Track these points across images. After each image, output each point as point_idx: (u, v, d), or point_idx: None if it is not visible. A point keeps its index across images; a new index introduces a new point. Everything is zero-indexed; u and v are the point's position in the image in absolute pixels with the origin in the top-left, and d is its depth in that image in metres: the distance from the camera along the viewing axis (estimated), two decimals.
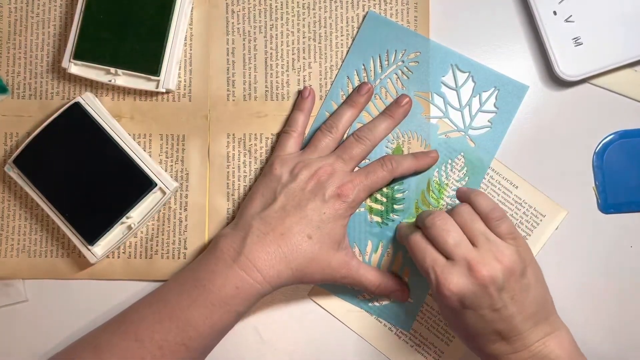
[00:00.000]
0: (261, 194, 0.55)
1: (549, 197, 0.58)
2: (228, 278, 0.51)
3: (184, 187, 0.59)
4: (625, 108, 0.58)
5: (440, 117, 0.58)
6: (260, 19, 0.59)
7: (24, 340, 0.59)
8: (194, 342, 0.51)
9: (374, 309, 0.58)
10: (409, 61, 0.58)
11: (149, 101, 0.59)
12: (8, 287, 0.59)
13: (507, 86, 0.58)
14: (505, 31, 0.59)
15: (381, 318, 0.58)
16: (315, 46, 0.59)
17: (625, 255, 0.58)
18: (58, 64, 0.59)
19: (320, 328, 0.59)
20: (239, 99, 0.59)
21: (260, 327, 0.59)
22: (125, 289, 0.59)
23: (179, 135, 0.59)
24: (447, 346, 0.58)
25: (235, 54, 0.59)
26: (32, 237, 0.59)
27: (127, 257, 0.59)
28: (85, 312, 0.59)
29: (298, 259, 0.52)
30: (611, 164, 0.58)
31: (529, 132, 0.58)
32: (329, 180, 0.54)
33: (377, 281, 0.56)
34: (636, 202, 0.58)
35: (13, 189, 0.60)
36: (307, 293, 0.59)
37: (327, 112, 0.59)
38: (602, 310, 0.58)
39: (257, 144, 0.59)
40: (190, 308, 0.51)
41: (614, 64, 0.57)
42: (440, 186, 0.58)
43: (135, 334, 0.51)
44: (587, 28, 0.57)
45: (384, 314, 0.58)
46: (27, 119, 0.60)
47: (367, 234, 0.58)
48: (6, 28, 0.60)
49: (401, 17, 0.59)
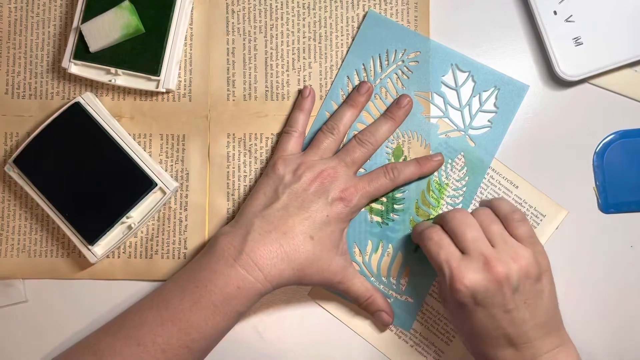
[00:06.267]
0: (263, 193, 0.55)
1: (549, 197, 0.58)
2: (229, 278, 0.51)
3: (184, 187, 0.59)
4: (625, 108, 0.58)
5: (440, 116, 0.58)
6: (260, 19, 0.59)
7: (24, 340, 0.59)
8: (196, 343, 0.51)
9: None
10: (409, 61, 0.58)
11: (149, 101, 0.59)
12: (8, 287, 0.59)
13: (507, 86, 0.58)
14: (505, 31, 0.59)
15: None
16: (315, 46, 0.59)
17: (625, 255, 0.58)
18: (58, 64, 0.59)
19: (321, 328, 0.59)
20: (239, 99, 0.59)
21: (260, 327, 0.59)
22: (125, 289, 0.59)
23: (179, 135, 0.59)
24: (447, 346, 0.58)
25: (235, 54, 0.59)
26: (32, 237, 0.59)
27: (127, 257, 0.59)
28: (85, 312, 0.59)
29: (300, 258, 0.52)
30: (611, 164, 0.58)
31: (529, 132, 0.58)
32: (333, 184, 0.54)
33: (368, 294, 0.55)
34: (636, 202, 0.58)
35: (13, 189, 0.60)
36: (307, 293, 0.59)
37: (327, 112, 0.59)
38: (603, 310, 0.58)
39: (257, 144, 0.59)
40: (192, 310, 0.51)
41: (614, 64, 0.57)
42: (440, 186, 0.58)
43: (137, 338, 0.50)
44: (587, 28, 0.57)
45: None
46: (27, 119, 0.60)
47: (367, 233, 0.58)
48: (6, 28, 0.60)
49: (401, 17, 0.59)
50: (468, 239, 0.49)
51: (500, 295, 0.48)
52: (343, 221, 0.54)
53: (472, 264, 0.48)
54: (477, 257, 0.49)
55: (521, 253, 0.49)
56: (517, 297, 0.48)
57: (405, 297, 0.58)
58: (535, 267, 0.49)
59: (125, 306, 0.54)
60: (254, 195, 0.55)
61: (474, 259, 0.49)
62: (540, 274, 0.49)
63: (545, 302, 0.49)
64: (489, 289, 0.48)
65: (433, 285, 0.58)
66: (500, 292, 0.48)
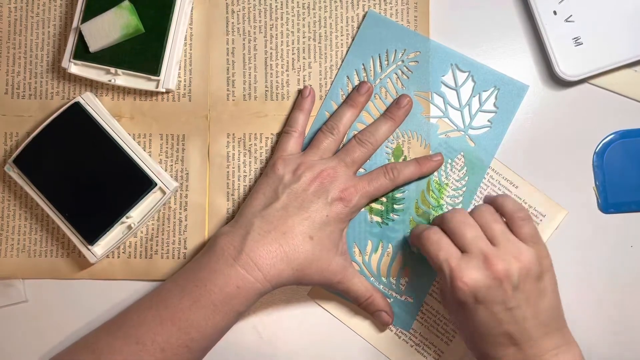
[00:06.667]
0: (262, 193, 0.55)
1: (549, 197, 0.58)
2: (229, 277, 0.51)
3: (184, 187, 0.59)
4: (625, 108, 0.58)
5: (440, 116, 0.58)
6: (260, 18, 0.59)
7: (24, 340, 0.59)
8: (196, 343, 0.51)
9: None
10: (408, 61, 0.58)
11: (149, 101, 0.59)
12: (8, 287, 0.59)
13: (507, 86, 0.58)
14: (505, 31, 0.59)
15: None
16: (315, 46, 0.59)
17: (625, 255, 0.58)
18: (58, 64, 0.59)
19: (320, 328, 0.59)
20: (239, 99, 0.59)
21: (260, 326, 0.59)
22: (125, 289, 0.59)
23: (179, 135, 0.59)
24: (447, 346, 0.58)
25: (235, 54, 0.59)
26: (32, 237, 0.59)
27: (127, 257, 0.59)
28: (85, 312, 0.59)
29: (299, 258, 0.52)
30: (611, 164, 0.58)
31: (529, 132, 0.58)
32: (332, 184, 0.54)
33: (368, 294, 0.55)
34: (636, 202, 0.58)
35: (13, 189, 0.60)
36: (307, 293, 0.59)
37: (327, 112, 0.59)
38: (602, 310, 0.58)
39: (257, 144, 0.59)
40: (192, 309, 0.51)
41: (614, 64, 0.57)
42: (440, 186, 0.58)
43: (137, 337, 0.50)
44: (587, 28, 0.57)
45: None
46: (27, 119, 0.60)
47: (367, 233, 0.58)
48: (6, 28, 0.60)
49: (401, 16, 0.59)
50: (468, 238, 0.49)
51: (501, 292, 0.48)
52: (343, 221, 0.54)
53: (472, 262, 0.48)
54: (477, 255, 0.49)
55: (523, 252, 0.49)
56: (518, 294, 0.48)
57: (405, 297, 0.58)
58: (537, 266, 0.49)
59: (124, 306, 0.54)
60: (253, 195, 0.55)
61: (473, 257, 0.49)
62: (542, 273, 0.49)
63: (547, 301, 0.49)
64: (489, 286, 0.48)
65: (433, 285, 0.58)
66: (500, 289, 0.48)
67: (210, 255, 0.52)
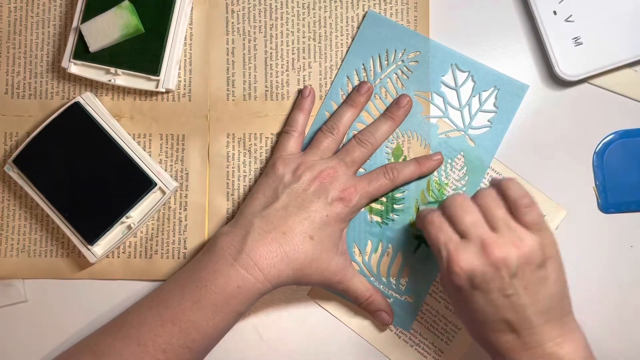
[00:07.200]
0: (262, 193, 0.55)
1: (548, 197, 0.58)
2: (230, 277, 0.51)
3: (184, 187, 0.59)
4: (625, 108, 0.58)
5: (440, 116, 0.58)
6: (260, 18, 0.59)
7: (24, 340, 0.59)
8: (197, 343, 0.51)
9: None
10: (408, 61, 0.58)
11: (148, 101, 0.59)
12: (8, 287, 0.59)
13: (507, 86, 0.58)
14: (505, 31, 0.59)
15: None
16: (315, 46, 0.59)
17: (625, 255, 0.58)
18: (58, 64, 0.59)
19: (320, 327, 0.59)
20: (238, 99, 0.59)
21: (260, 327, 0.59)
22: (125, 289, 0.59)
23: (179, 135, 0.59)
24: (447, 346, 0.58)
25: (235, 54, 0.59)
26: (32, 237, 0.59)
27: (127, 257, 0.59)
28: (85, 312, 0.59)
29: (299, 258, 0.52)
30: (611, 164, 0.58)
31: (529, 132, 0.58)
32: (332, 184, 0.54)
33: (368, 293, 0.55)
34: (636, 202, 0.58)
35: (13, 189, 0.60)
36: (307, 293, 0.59)
37: (327, 111, 0.59)
38: (602, 310, 0.58)
39: (257, 144, 0.59)
40: (193, 310, 0.51)
41: (614, 64, 0.57)
42: (440, 186, 0.58)
43: (137, 338, 0.50)
44: (587, 28, 0.57)
45: None
46: (27, 119, 0.60)
47: (367, 233, 0.58)
48: (6, 28, 0.60)
49: (401, 16, 0.59)
50: (467, 223, 0.49)
51: (497, 279, 0.47)
52: (343, 221, 0.54)
53: (469, 247, 0.48)
54: (475, 241, 0.48)
55: (524, 239, 0.48)
56: (516, 282, 0.47)
57: (405, 297, 0.58)
58: (539, 254, 0.48)
59: (125, 306, 0.54)
60: (253, 195, 0.55)
61: (471, 242, 0.48)
62: (544, 261, 0.48)
63: (549, 289, 0.48)
64: (485, 272, 0.47)
65: (433, 285, 0.58)
66: (497, 276, 0.47)
67: (211, 255, 0.52)
